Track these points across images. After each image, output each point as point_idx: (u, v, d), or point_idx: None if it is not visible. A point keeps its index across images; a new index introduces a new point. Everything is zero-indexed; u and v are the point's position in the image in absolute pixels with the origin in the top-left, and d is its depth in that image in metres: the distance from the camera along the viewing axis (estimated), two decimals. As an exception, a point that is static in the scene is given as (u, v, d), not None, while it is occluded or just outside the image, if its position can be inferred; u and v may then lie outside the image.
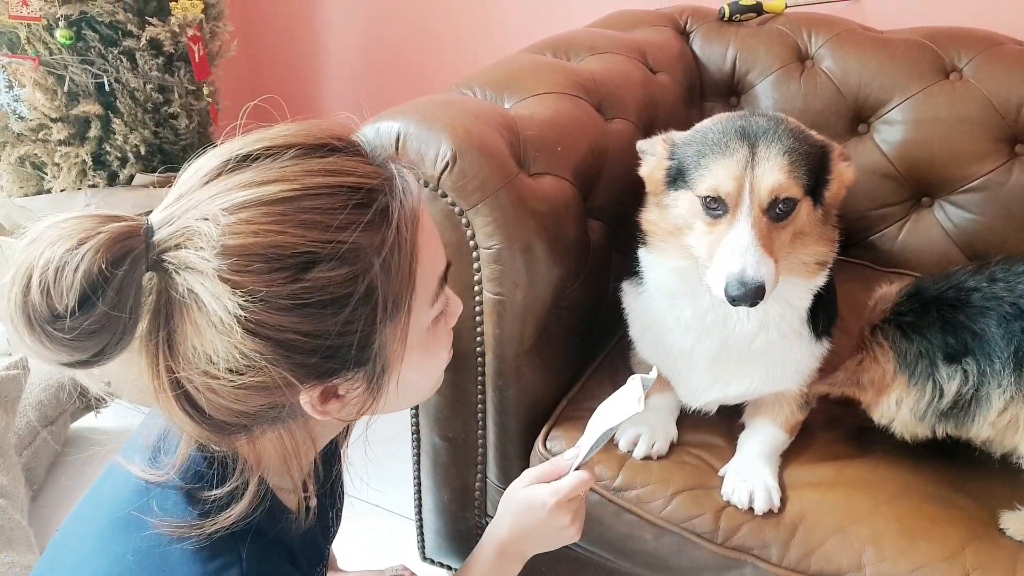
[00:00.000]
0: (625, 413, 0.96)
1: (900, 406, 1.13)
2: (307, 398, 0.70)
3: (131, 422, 2.04)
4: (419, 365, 0.78)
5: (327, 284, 0.64)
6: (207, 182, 0.66)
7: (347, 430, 1.02)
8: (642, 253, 1.20)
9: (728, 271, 0.99)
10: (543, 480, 1.01)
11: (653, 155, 1.15)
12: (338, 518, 1.02)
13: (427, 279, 0.74)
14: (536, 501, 0.98)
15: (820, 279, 1.10)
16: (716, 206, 1.04)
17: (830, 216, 1.08)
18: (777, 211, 1.02)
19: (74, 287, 0.59)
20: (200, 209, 0.64)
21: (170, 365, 0.66)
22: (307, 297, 0.64)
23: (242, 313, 0.62)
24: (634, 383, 0.98)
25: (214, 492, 0.73)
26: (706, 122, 1.13)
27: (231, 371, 0.65)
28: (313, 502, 0.84)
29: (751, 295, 0.97)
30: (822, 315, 1.17)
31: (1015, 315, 1.09)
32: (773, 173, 1.01)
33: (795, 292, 1.11)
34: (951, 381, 1.09)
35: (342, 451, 1.01)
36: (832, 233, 1.09)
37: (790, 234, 1.05)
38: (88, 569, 0.74)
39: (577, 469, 1.01)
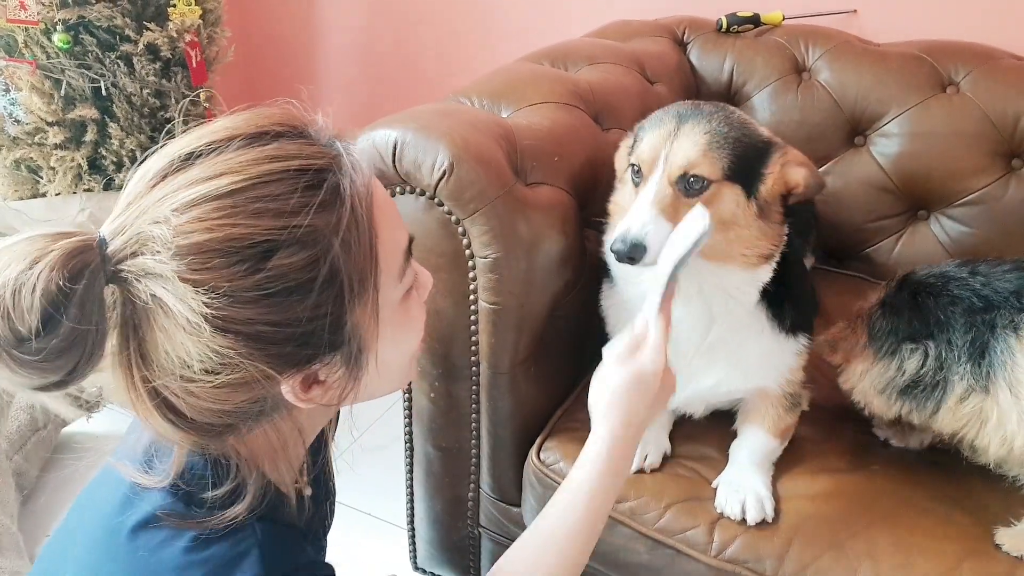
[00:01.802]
0: (691, 236, 0.94)
1: (863, 376, 1.18)
2: (288, 388, 0.69)
3: (123, 427, 2.03)
4: (395, 341, 0.77)
5: (289, 271, 0.63)
6: (154, 185, 0.65)
7: (335, 419, 1.01)
8: (605, 237, 1.21)
9: (619, 228, 1.03)
10: (634, 349, 0.96)
11: (624, 141, 1.20)
12: (331, 511, 1.02)
13: (390, 254, 0.73)
14: (646, 371, 0.93)
15: (762, 273, 1.10)
16: (638, 174, 1.09)
17: (770, 212, 1.09)
18: (687, 186, 1.05)
19: (34, 307, 0.58)
20: (150, 213, 0.63)
21: (145, 375, 0.65)
22: (271, 286, 0.63)
23: (208, 311, 0.61)
24: (698, 210, 0.96)
25: (215, 492, 0.72)
26: (667, 105, 1.16)
27: (207, 372, 0.64)
28: (308, 491, 0.83)
29: (628, 251, 1.00)
30: (789, 309, 1.16)
31: (982, 308, 1.12)
32: (685, 148, 1.05)
33: (735, 284, 1.11)
34: (910, 359, 1.13)
35: (329, 440, 1.00)
36: (775, 228, 1.09)
37: None
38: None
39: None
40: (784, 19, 1.84)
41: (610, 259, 1.06)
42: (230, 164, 0.65)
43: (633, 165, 1.10)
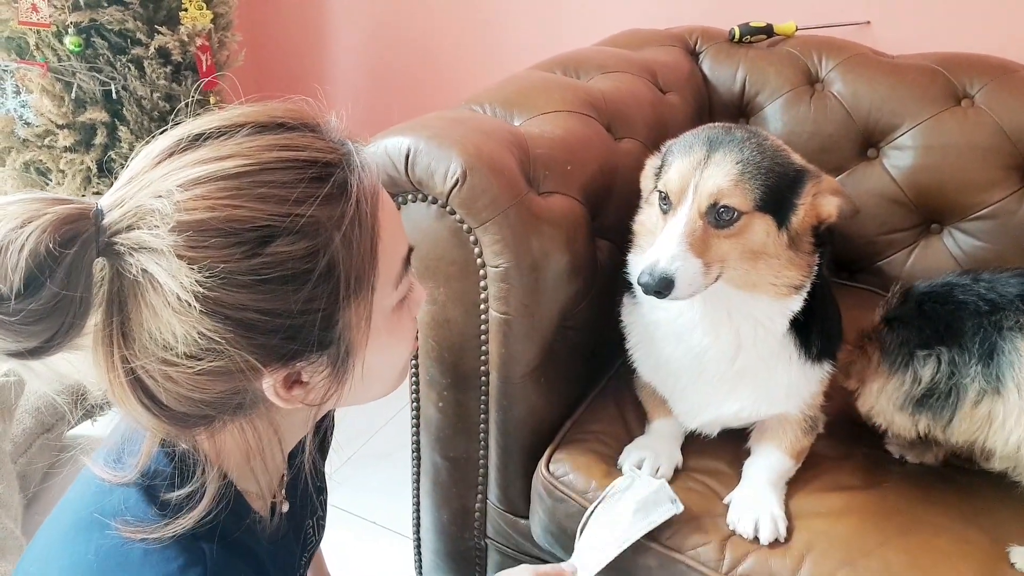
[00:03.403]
0: (655, 518, 1.00)
1: (880, 394, 1.16)
2: (270, 383, 0.67)
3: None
4: (382, 349, 0.75)
5: (286, 259, 0.62)
6: (159, 162, 0.65)
7: (329, 438, 0.99)
8: (630, 257, 1.20)
9: (646, 260, 1.02)
10: None
11: (651, 160, 1.19)
12: (319, 528, 0.99)
13: (390, 258, 0.72)
14: None
15: (793, 303, 1.09)
16: (666, 202, 1.07)
17: (801, 242, 1.07)
18: (717, 217, 1.03)
19: (19, 266, 0.57)
20: (152, 188, 0.62)
21: (125, 355, 0.63)
22: (266, 273, 0.62)
23: (200, 290, 0.60)
24: (658, 485, 1.03)
25: (175, 493, 0.71)
26: (696, 128, 1.15)
27: (189, 356, 0.62)
28: (285, 507, 0.81)
29: (655, 285, 0.99)
30: (816, 338, 1.15)
31: (988, 310, 1.12)
32: (716, 178, 1.03)
33: (766, 312, 1.10)
34: (925, 367, 1.12)
35: (308, 454, 0.98)
36: (806, 259, 1.08)
37: (738, 246, 1.04)
38: (50, 570, 0.72)
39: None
40: (797, 30, 1.83)
41: (634, 279, 1.05)
42: (239, 148, 0.64)
43: (661, 192, 1.08)
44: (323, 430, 1.00)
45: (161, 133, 0.68)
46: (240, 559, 0.74)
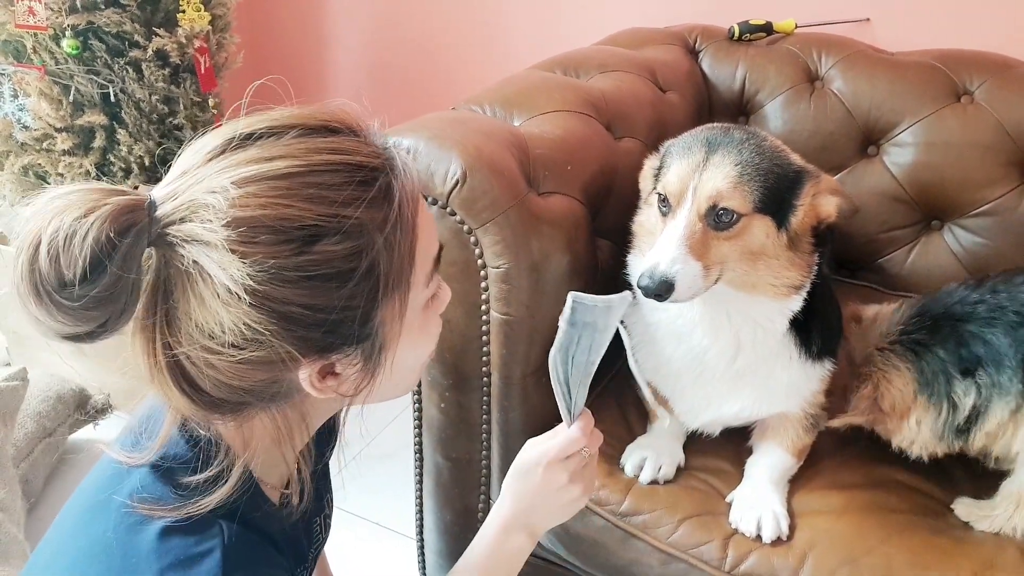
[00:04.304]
0: (605, 339, 0.90)
1: (920, 426, 1.13)
2: (306, 373, 0.70)
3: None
4: (412, 346, 0.79)
5: (332, 258, 0.65)
6: (211, 159, 0.67)
7: (334, 440, 1.02)
8: (629, 258, 1.20)
9: (646, 263, 1.02)
10: (551, 436, 0.98)
11: (649, 161, 1.19)
12: (326, 527, 1.01)
13: (424, 259, 0.76)
14: (529, 464, 0.96)
15: (793, 303, 1.09)
16: (665, 204, 1.07)
17: (800, 243, 1.07)
18: (716, 219, 1.03)
19: (83, 254, 0.60)
20: (207, 183, 0.65)
21: (168, 342, 0.66)
22: (312, 270, 0.65)
23: (250, 283, 0.63)
24: (618, 298, 0.90)
25: (194, 477, 0.73)
26: (695, 128, 1.15)
27: (233, 345, 0.65)
28: (296, 500, 0.83)
29: (655, 288, 1.00)
30: (816, 337, 1.15)
31: (1020, 322, 1.10)
32: (715, 180, 1.03)
33: (765, 313, 1.10)
34: (967, 396, 1.10)
35: (339, 437, 1.00)
36: (805, 259, 1.08)
37: (737, 248, 1.04)
38: (69, 551, 0.74)
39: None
40: (796, 27, 1.83)
41: (634, 282, 1.05)
42: (289, 149, 0.67)
43: (660, 194, 1.08)
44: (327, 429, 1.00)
45: (209, 131, 0.71)
46: (257, 536, 0.77)
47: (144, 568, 0.69)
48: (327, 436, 1.00)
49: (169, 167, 0.70)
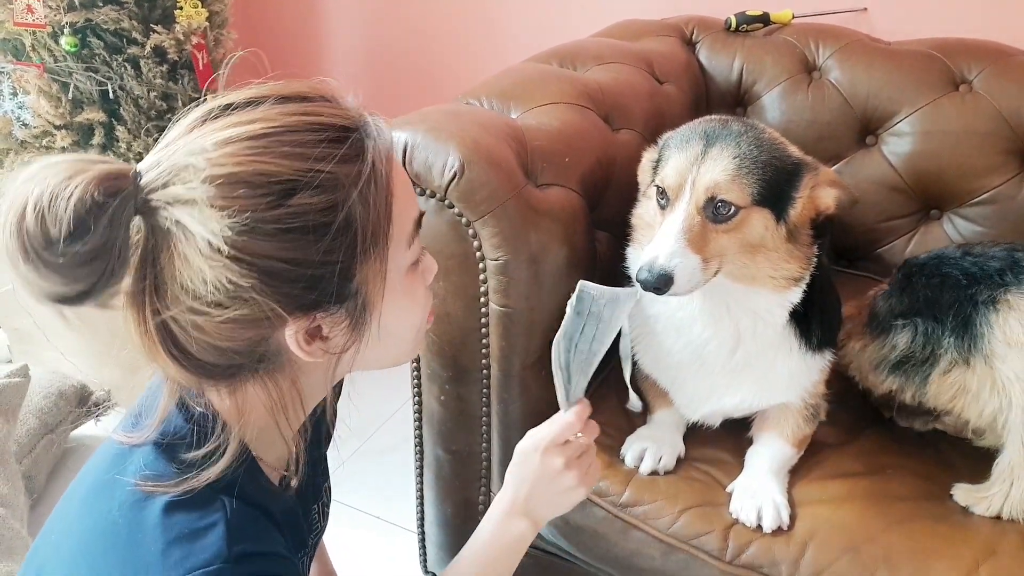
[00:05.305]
0: (610, 331, 0.93)
1: (859, 354, 1.24)
2: (292, 332, 0.72)
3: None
4: (398, 310, 0.80)
5: (308, 210, 0.68)
6: (192, 129, 0.70)
7: (332, 420, 1.02)
8: (628, 251, 1.21)
9: (645, 256, 1.02)
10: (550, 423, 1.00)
11: (647, 154, 1.19)
12: (324, 515, 1.02)
13: (403, 219, 0.77)
14: (527, 450, 0.97)
15: (793, 295, 1.09)
16: (663, 197, 1.07)
17: (799, 235, 1.07)
18: (715, 212, 1.03)
19: (68, 212, 0.62)
20: (186, 148, 0.68)
21: (156, 308, 0.68)
22: (290, 222, 0.67)
23: (230, 233, 0.65)
24: (626, 292, 0.94)
25: (193, 452, 0.74)
26: (693, 121, 1.14)
27: (218, 304, 0.67)
28: (295, 481, 0.85)
29: (654, 282, 1.00)
30: (816, 328, 1.16)
31: (966, 283, 1.15)
32: (713, 173, 1.03)
33: (765, 305, 1.10)
34: (901, 335, 1.18)
35: (329, 417, 1.01)
36: (804, 251, 1.08)
37: (736, 241, 1.05)
38: (75, 531, 0.76)
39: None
40: (794, 18, 1.82)
41: (633, 275, 1.05)
42: (265, 114, 0.70)
43: (658, 187, 1.08)
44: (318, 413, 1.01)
45: (193, 106, 0.73)
46: (259, 511, 0.78)
47: (150, 543, 0.70)
48: (323, 427, 1.01)
49: None
